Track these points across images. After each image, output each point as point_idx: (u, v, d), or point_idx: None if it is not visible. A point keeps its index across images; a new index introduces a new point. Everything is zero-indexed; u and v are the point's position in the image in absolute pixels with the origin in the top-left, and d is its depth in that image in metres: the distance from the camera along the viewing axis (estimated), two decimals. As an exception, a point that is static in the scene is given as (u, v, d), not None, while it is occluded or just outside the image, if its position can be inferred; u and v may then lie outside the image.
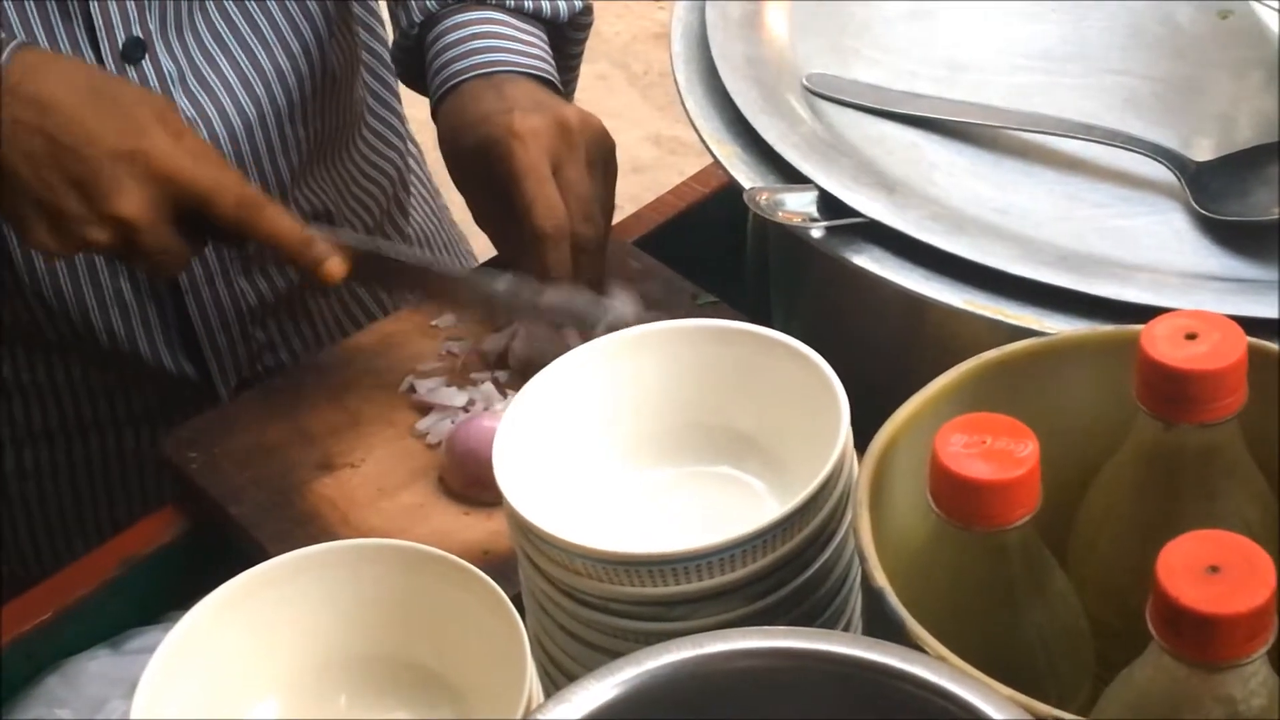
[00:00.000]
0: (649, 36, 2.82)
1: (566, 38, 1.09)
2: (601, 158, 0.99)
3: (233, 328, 1.10)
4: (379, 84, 1.20)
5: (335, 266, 0.95)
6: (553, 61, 1.05)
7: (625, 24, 2.84)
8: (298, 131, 1.09)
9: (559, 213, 0.95)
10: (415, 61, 1.07)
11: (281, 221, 0.94)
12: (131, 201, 0.90)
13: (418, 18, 1.04)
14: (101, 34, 1.01)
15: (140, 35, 1.02)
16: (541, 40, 1.05)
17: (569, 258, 0.96)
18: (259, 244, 0.96)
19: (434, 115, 1.04)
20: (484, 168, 0.98)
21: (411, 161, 1.26)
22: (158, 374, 1.11)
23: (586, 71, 1.15)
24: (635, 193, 1.03)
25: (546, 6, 1.05)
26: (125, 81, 0.98)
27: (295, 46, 1.08)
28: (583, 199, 0.97)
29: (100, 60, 1.01)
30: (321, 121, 1.12)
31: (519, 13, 1.04)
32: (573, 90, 1.13)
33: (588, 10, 1.09)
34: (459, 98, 1.01)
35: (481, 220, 1.03)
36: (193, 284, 1.08)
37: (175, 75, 1.04)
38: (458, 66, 1.02)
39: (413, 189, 1.25)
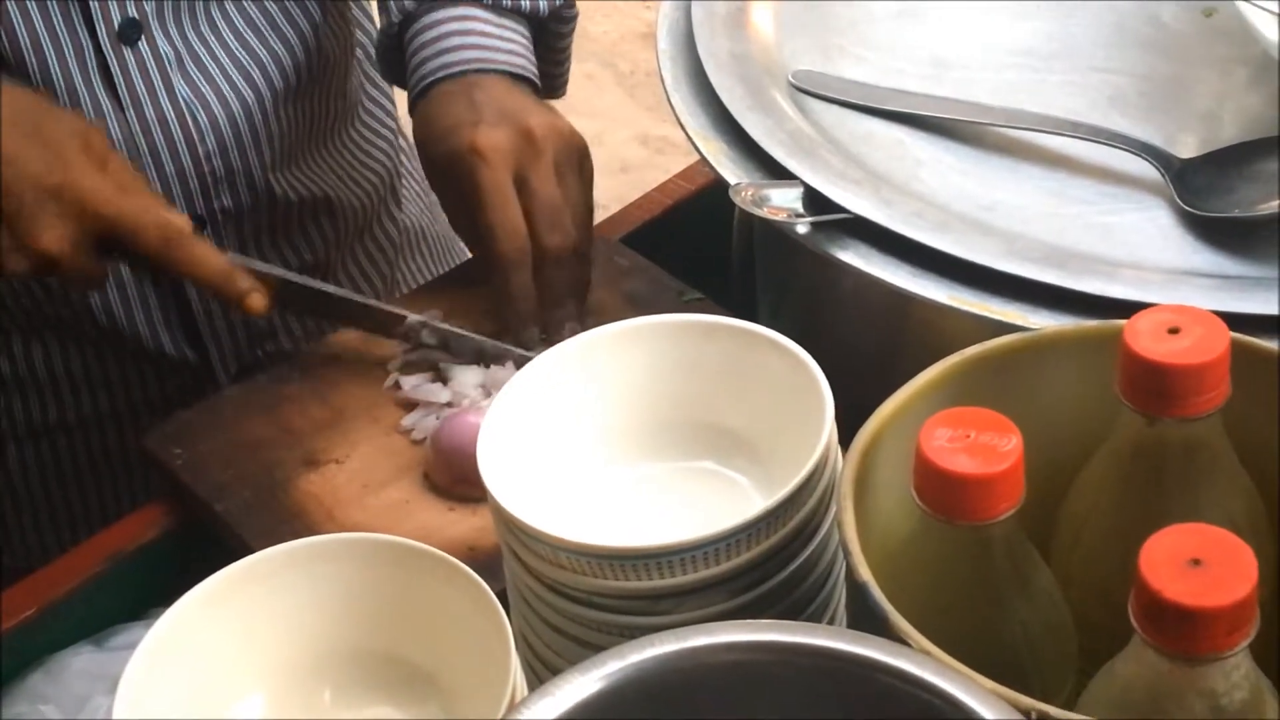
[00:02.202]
0: (636, 36, 2.83)
1: (550, 31, 1.08)
2: (573, 161, 0.99)
3: (232, 312, 1.11)
4: (373, 70, 1.21)
5: (257, 300, 0.96)
6: (532, 58, 1.04)
7: (613, 23, 2.84)
8: (293, 114, 1.10)
9: (519, 237, 0.96)
10: (397, 59, 1.07)
11: (204, 255, 0.95)
12: (54, 237, 0.91)
13: (396, 16, 1.04)
14: (97, 15, 1.01)
15: (136, 16, 1.02)
16: (520, 36, 1.04)
17: (529, 281, 0.96)
18: (181, 275, 0.96)
19: (411, 115, 1.03)
20: (452, 181, 0.98)
21: (402, 154, 1.26)
22: (158, 359, 1.11)
23: (574, 71, 1.15)
24: (622, 192, 1.03)
25: (526, 2, 1.05)
26: (52, 108, 0.98)
27: (290, 32, 1.09)
28: (548, 209, 0.96)
29: (96, 41, 1.02)
30: (316, 105, 1.12)
31: (497, 8, 1.03)
32: (563, 83, 1.12)
33: (570, 4, 1.08)
34: (431, 101, 1.01)
35: (456, 227, 1.03)
36: None
37: (173, 58, 1.04)
38: (431, 65, 1.01)
39: (404, 179, 1.26)
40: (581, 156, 1.00)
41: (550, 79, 1.09)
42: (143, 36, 1.03)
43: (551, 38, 1.08)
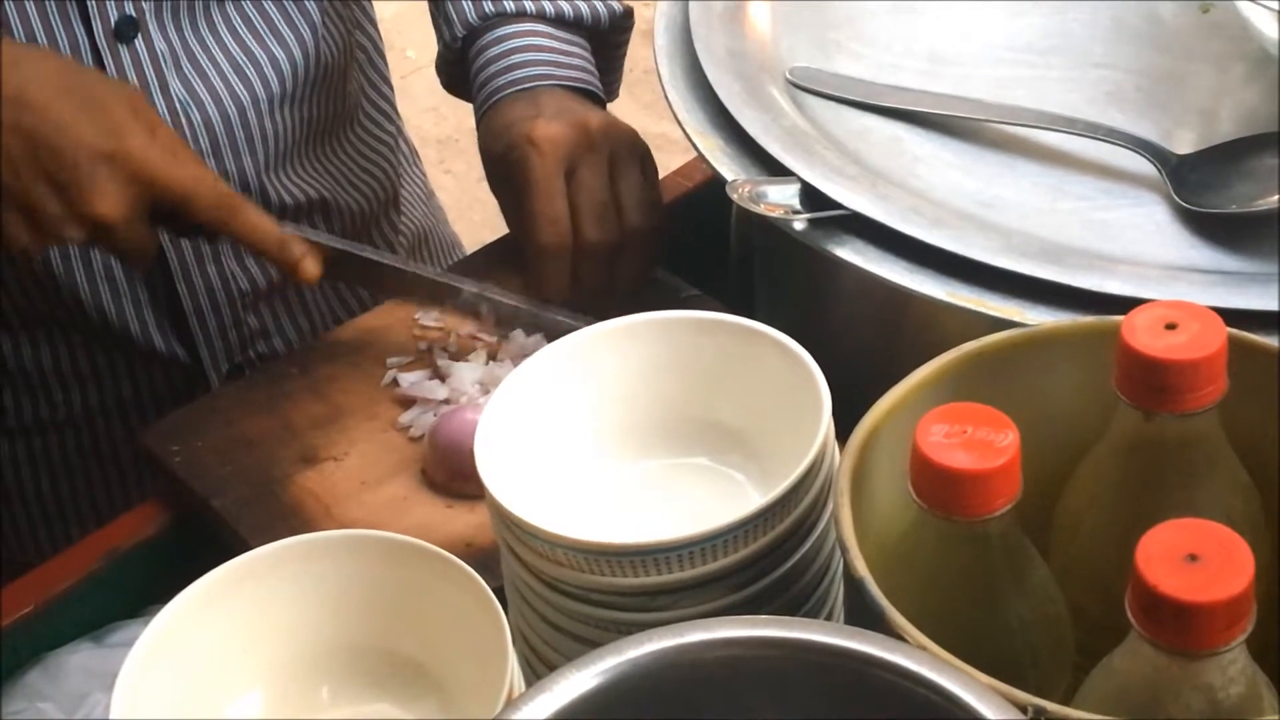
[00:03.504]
0: (636, 34, 2.82)
1: (608, 41, 1.09)
2: (632, 159, 1.00)
3: (223, 311, 1.11)
4: (375, 73, 1.21)
5: (310, 266, 0.96)
6: (594, 70, 1.06)
7: (611, 21, 2.84)
8: (289, 117, 1.10)
9: (560, 229, 0.97)
10: (459, 73, 1.08)
11: (258, 221, 0.95)
12: (110, 202, 0.91)
13: (460, 32, 1.06)
14: (93, 11, 1.01)
15: (133, 14, 1.02)
16: (582, 49, 1.06)
17: (566, 273, 0.98)
18: (235, 241, 0.97)
19: (478, 128, 1.05)
20: (506, 170, 1.00)
21: (403, 159, 1.26)
22: (149, 356, 1.11)
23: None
24: (621, 190, 1.05)
25: (586, 13, 1.06)
26: (99, 74, 0.98)
27: (289, 34, 1.09)
28: (595, 202, 0.98)
29: (91, 37, 1.02)
30: (313, 109, 1.12)
31: (559, 22, 1.05)
32: (617, 87, 1.14)
33: (628, 14, 1.09)
34: (496, 109, 1.03)
35: (510, 225, 1.04)
36: (183, 265, 1.09)
37: (168, 56, 1.04)
38: (499, 82, 1.03)
39: (405, 185, 1.26)
40: (643, 156, 1.01)
41: (607, 85, 1.11)
42: (139, 34, 1.03)
43: (609, 47, 1.10)
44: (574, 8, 1.06)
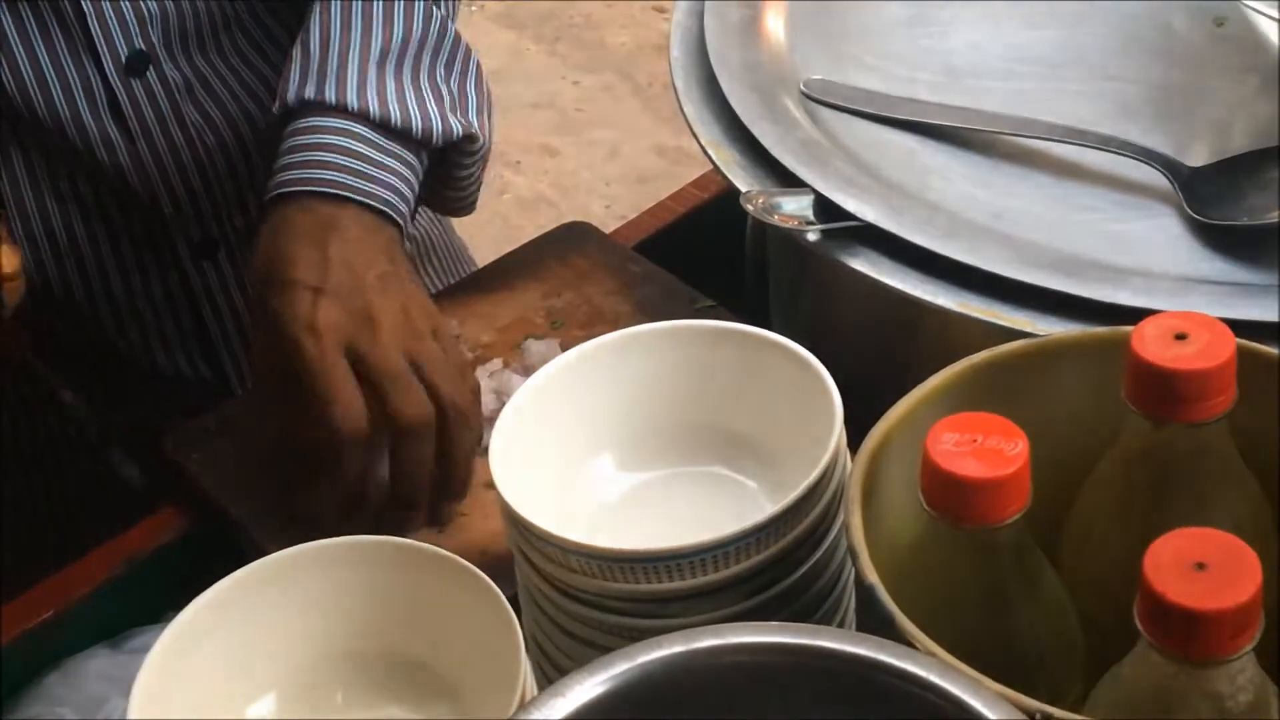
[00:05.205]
0: (653, 47, 2.83)
1: (449, 161, 1.00)
2: (423, 325, 0.90)
3: (250, 335, 1.11)
4: None
5: None
6: (410, 188, 0.95)
7: (630, 35, 2.85)
8: None
9: (356, 412, 0.86)
10: (273, 149, 0.97)
11: None
12: None
13: (277, 110, 0.96)
14: (102, 47, 1.01)
15: (143, 48, 1.02)
16: (401, 164, 0.95)
17: (363, 466, 0.88)
18: None
19: (261, 212, 0.94)
20: (277, 351, 0.89)
21: None
22: (174, 379, 1.10)
23: (592, 82, 1.15)
24: (640, 203, 1.04)
25: (417, 125, 0.95)
26: None
27: None
28: (395, 377, 0.87)
29: (102, 73, 1.01)
30: None
31: (383, 128, 0.94)
32: (467, 205, 1.05)
33: (471, 139, 0.99)
34: (284, 228, 0.92)
35: (283, 422, 0.91)
36: (208, 292, 1.09)
37: (181, 84, 1.04)
38: (291, 175, 0.93)
39: None
40: (434, 322, 0.91)
41: (451, 201, 1.04)
42: (150, 67, 1.02)
43: (451, 166, 1.01)
44: (404, 116, 0.94)
